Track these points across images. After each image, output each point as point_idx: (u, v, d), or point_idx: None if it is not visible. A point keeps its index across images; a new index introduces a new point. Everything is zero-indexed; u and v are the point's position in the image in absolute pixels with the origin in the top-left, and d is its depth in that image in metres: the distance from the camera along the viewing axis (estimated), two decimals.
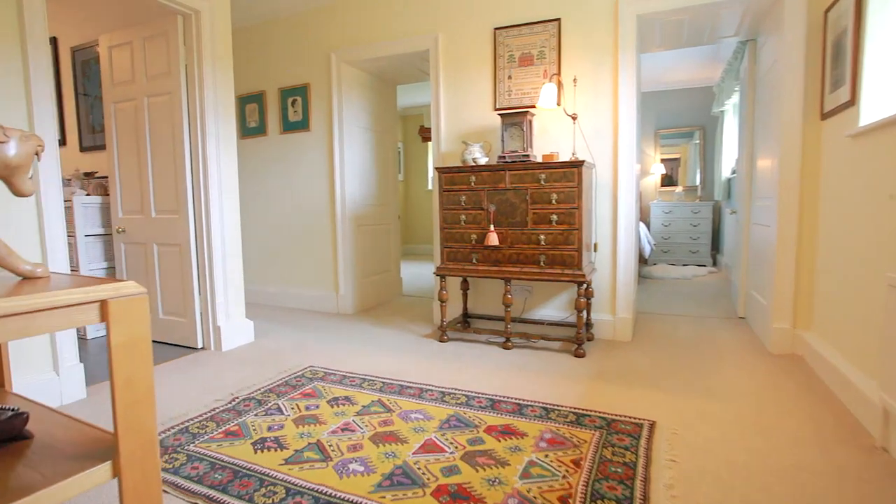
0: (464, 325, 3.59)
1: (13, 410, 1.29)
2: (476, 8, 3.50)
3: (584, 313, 3.23)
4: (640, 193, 6.84)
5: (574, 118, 3.13)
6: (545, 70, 3.32)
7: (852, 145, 2.31)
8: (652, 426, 2.03)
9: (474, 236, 3.15)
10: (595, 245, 3.30)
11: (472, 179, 3.12)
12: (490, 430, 2.02)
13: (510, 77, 3.42)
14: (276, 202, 4.49)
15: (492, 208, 3.07)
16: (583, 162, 2.81)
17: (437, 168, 3.25)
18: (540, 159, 3.23)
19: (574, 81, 3.19)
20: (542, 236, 2.95)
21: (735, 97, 5.21)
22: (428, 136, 8.69)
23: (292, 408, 2.27)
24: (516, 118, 3.13)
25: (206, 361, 2.96)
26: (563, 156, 3.27)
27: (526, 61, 3.37)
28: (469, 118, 3.60)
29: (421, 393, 2.43)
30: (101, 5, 3.70)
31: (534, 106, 3.34)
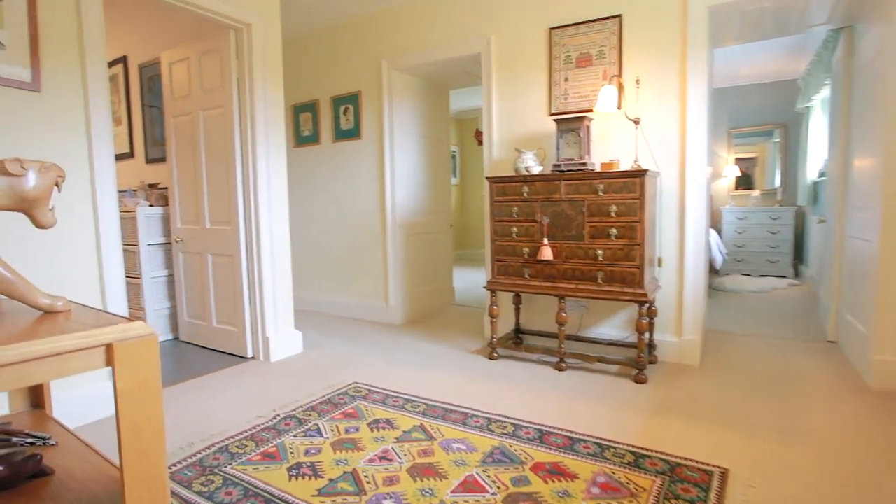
0: (515, 342, 3.42)
1: (38, 440, 1.28)
2: (530, 8, 3.32)
3: (647, 335, 2.97)
4: (711, 197, 6.35)
5: (636, 122, 2.87)
6: (605, 71, 3.08)
7: None
8: (724, 476, 1.78)
9: (526, 250, 2.97)
10: (659, 260, 3.03)
11: (525, 190, 2.95)
12: (537, 469, 1.85)
13: (566, 79, 3.21)
14: (328, 210, 4.51)
15: (545, 220, 2.89)
16: (646, 171, 2.57)
17: (488, 178, 3.10)
18: (598, 167, 3.01)
19: (637, 82, 2.93)
20: (600, 251, 2.73)
21: (825, 91, 4.68)
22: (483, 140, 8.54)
23: (332, 429, 2.20)
24: (572, 124, 2.93)
25: (254, 373, 2.98)
26: (625, 163, 3.03)
27: (584, 62, 3.15)
28: (522, 124, 3.42)
29: (465, 419, 2.29)
30: (164, 23, 3.85)
31: (591, 110, 3.11)
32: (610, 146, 3.11)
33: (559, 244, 2.86)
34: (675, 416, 2.27)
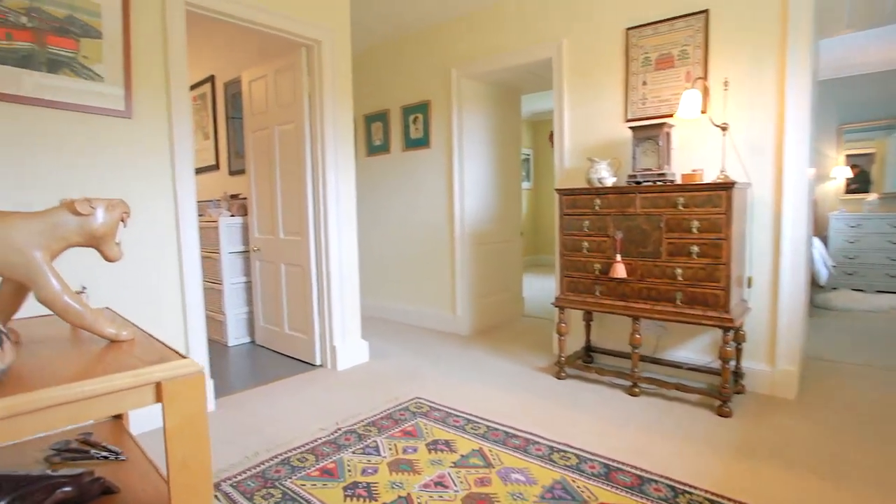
0: (585, 361, 3.25)
1: (111, 454, 1.36)
2: (605, 8, 3.13)
3: (732, 362, 2.70)
4: (815, 203, 5.71)
5: (724, 128, 2.61)
6: (688, 72, 2.84)
7: None
8: None
9: (598, 266, 2.80)
10: (749, 280, 2.73)
11: (597, 203, 2.78)
12: None
13: (644, 83, 2.99)
14: (397, 218, 4.56)
15: (619, 236, 2.71)
16: (733, 184, 2.32)
17: (558, 189, 2.96)
18: (678, 179, 2.77)
19: (724, 84, 2.67)
20: (679, 270, 2.51)
21: None
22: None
23: (390, 448, 2.19)
24: (651, 131, 2.72)
25: (321, 382, 3.06)
26: (709, 173, 2.76)
27: (664, 63, 2.91)
28: (596, 132, 3.24)
29: (527, 445, 2.19)
30: (245, 44, 4.07)
31: (672, 115, 2.87)
32: (692, 155, 2.86)
33: (633, 261, 2.67)
34: (764, 460, 2.03)
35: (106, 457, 1.35)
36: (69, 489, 1.11)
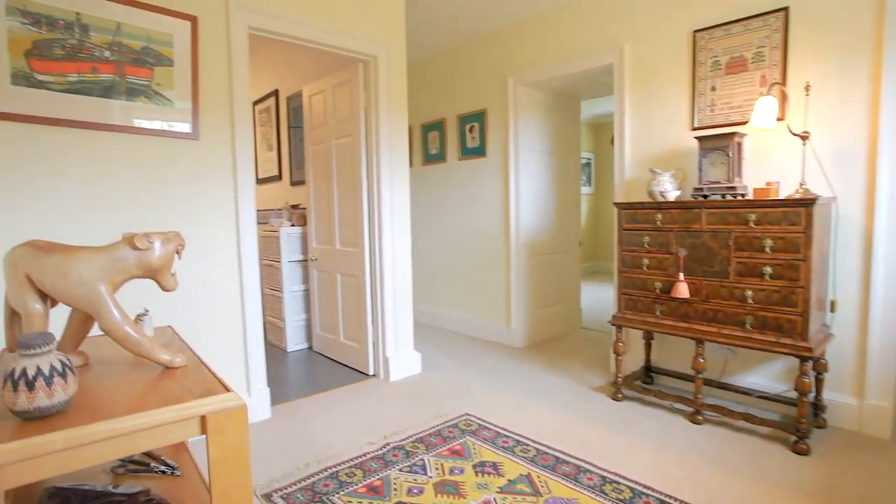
0: (644, 382, 3.10)
1: (169, 469, 1.43)
2: (671, 9, 2.96)
3: (811, 394, 2.46)
4: None
5: (804, 137, 2.39)
6: (763, 76, 2.62)
7: None
8: None
9: (659, 284, 2.66)
10: (832, 304, 2.48)
11: (659, 217, 2.63)
12: None
13: (713, 88, 2.79)
14: (451, 226, 4.55)
15: (682, 253, 2.55)
16: (814, 199, 2.11)
17: (616, 203, 2.83)
18: (750, 193, 2.57)
19: (806, 89, 2.44)
20: (749, 292, 2.32)
21: None
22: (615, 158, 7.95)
23: (437, 467, 2.18)
24: (720, 141, 2.54)
25: (373, 392, 3.10)
26: (786, 187, 2.54)
27: (736, 67, 2.71)
28: (658, 141, 3.07)
29: (577, 473, 2.11)
30: (306, 61, 4.22)
31: (745, 123, 2.67)
32: (767, 166, 2.64)
33: (698, 280, 2.50)
34: None
35: (164, 471, 1.43)
36: None
